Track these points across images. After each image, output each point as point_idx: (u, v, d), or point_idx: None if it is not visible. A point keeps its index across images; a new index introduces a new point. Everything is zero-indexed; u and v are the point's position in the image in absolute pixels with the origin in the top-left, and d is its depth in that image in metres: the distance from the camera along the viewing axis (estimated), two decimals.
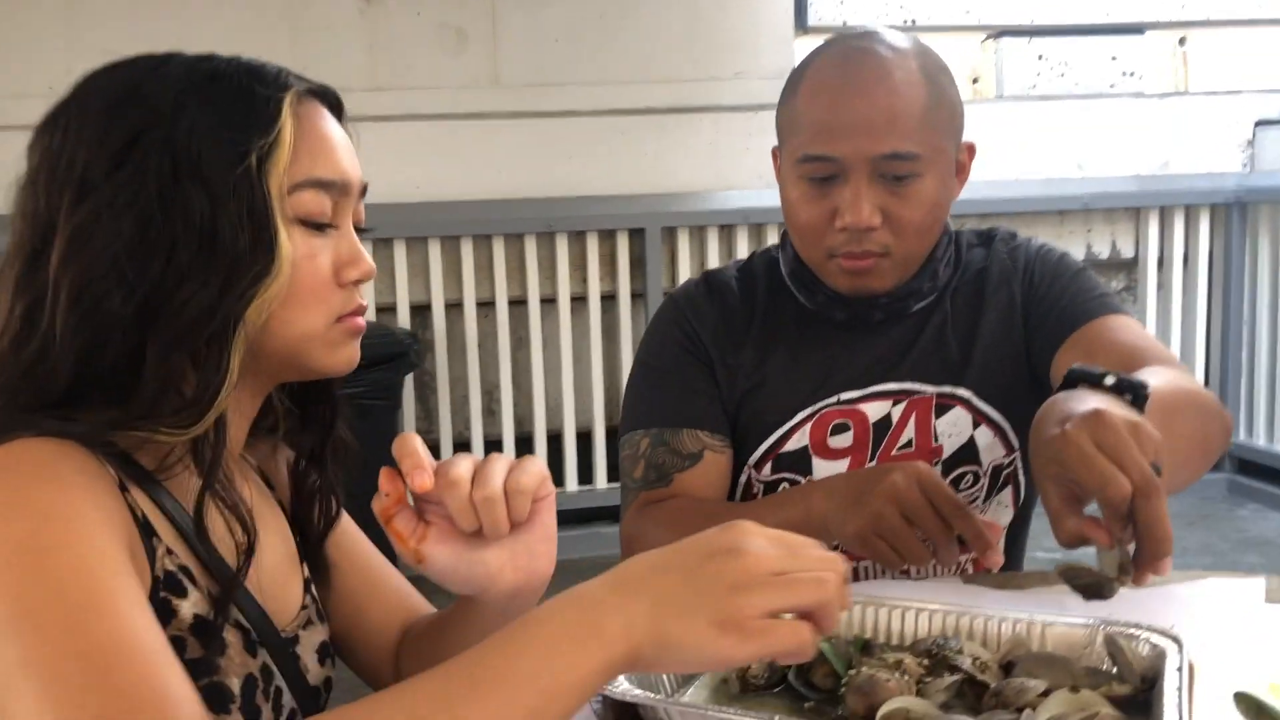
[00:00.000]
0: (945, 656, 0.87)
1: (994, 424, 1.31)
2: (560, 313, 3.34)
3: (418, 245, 3.25)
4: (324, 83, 0.87)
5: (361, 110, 2.86)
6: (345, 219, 0.85)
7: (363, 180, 0.87)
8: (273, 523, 0.92)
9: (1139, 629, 0.90)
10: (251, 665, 0.81)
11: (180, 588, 0.76)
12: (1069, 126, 3.66)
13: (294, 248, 0.79)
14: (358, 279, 0.85)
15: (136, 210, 0.76)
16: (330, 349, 0.84)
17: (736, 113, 3.41)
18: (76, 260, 0.75)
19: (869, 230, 1.21)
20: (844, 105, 1.20)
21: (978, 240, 1.39)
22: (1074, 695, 0.81)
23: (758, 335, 1.33)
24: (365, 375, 2.84)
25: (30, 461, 0.70)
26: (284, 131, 0.79)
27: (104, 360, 0.75)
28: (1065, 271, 1.33)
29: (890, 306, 1.30)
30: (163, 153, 0.76)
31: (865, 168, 1.20)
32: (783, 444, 1.30)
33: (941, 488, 1.03)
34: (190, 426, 0.76)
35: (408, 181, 3.24)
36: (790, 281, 1.34)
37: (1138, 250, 3.74)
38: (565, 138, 3.36)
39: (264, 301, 0.78)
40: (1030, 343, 1.30)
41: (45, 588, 0.65)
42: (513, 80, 3.33)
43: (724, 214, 3.38)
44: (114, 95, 0.79)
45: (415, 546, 0.80)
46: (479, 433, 3.34)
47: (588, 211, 3.33)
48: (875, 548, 1.05)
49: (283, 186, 0.79)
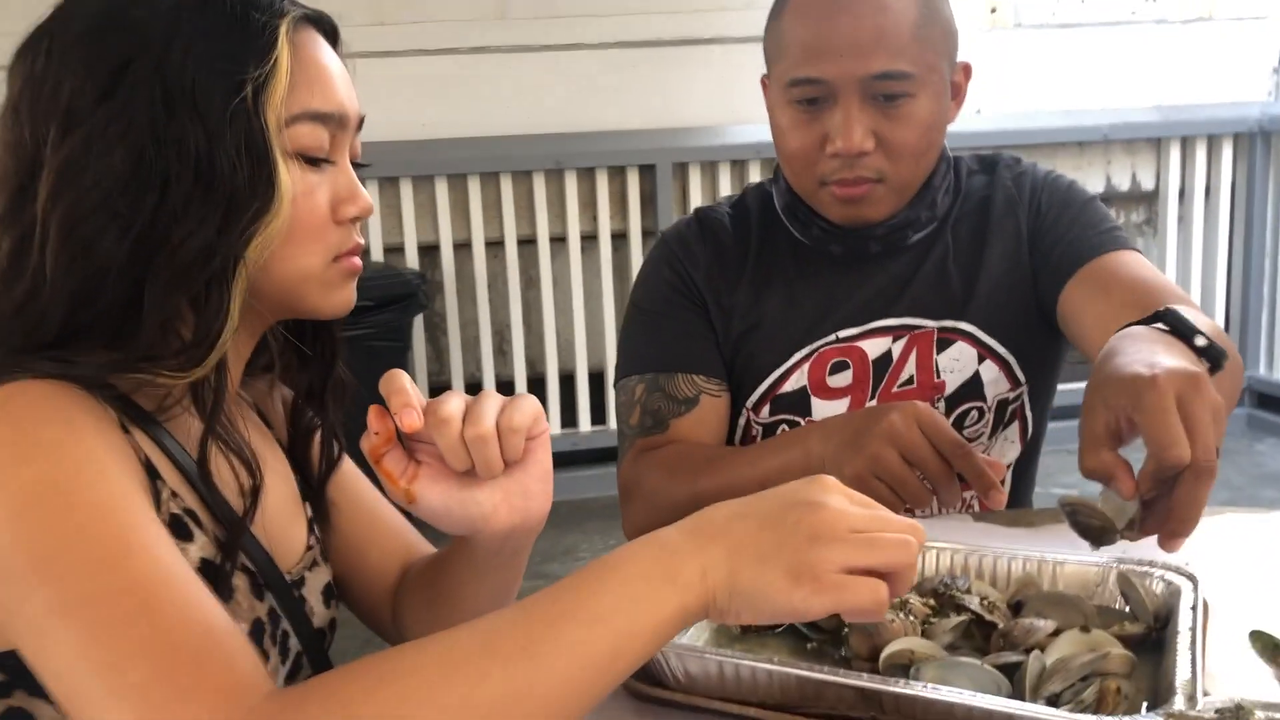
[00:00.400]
0: (952, 596, 0.85)
1: (999, 358, 1.27)
2: (570, 251, 3.31)
3: (424, 184, 3.21)
4: (319, 9, 0.83)
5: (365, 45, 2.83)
6: (342, 154, 0.82)
7: (360, 113, 0.84)
8: (273, 463, 0.90)
9: (1153, 566, 0.88)
10: (259, 609, 0.80)
11: (186, 531, 0.75)
12: (1089, 55, 3.58)
13: (293, 183, 0.76)
14: (356, 216, 0.82)
15: (128, 142, 0.72)
16: (327, 289, 0.82)
17: (748, 44, 3.31)
18: (66, 195, 0.72)
19: (861, 155, 1.18)
20: (830, 25, 1.16)
21: (979, 167, 1.34)
22: (1084, 635, 0.79)
23: (752, 274, 1.30)
24: (374, 316, 2.84)
25: (34, 402, 0.68)
26: (280, 60, 0.75)
27: (99, 301, 0.73)
28: (1074, 201, 1.29)
29: (887, 238, 1.27)
30: (154, 82, 0.73)
31: (855, 89, 1.16)
32: (780, 385, 1.28)
33: (941, 426, 1.00)
34: (192, 370, 0.74)
35: (413, 119, 3.19)
36: (784, 215, 1.31)
37: (1158, 182, 3.67)
38: (573, 72, 3.29)
39: (265, 240, 0.75)
40: (1037, 273, 1.27)
41: (69, 529, 0.63)
42: (519, 13, 3.26)
43: (736, 148, 3.32)
44: (99, 18, 0.75)
45: (406, 486, 0.78)
46: (490, 374, 3.32)
47: (597, 148, 3.27)
48: (874, 490, 1.00)
49: (280, 118, 0.75)
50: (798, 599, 0.62)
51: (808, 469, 1.06)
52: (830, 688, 0.74)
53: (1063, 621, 0.82)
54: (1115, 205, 3.71)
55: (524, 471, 0.80)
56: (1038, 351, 1.30)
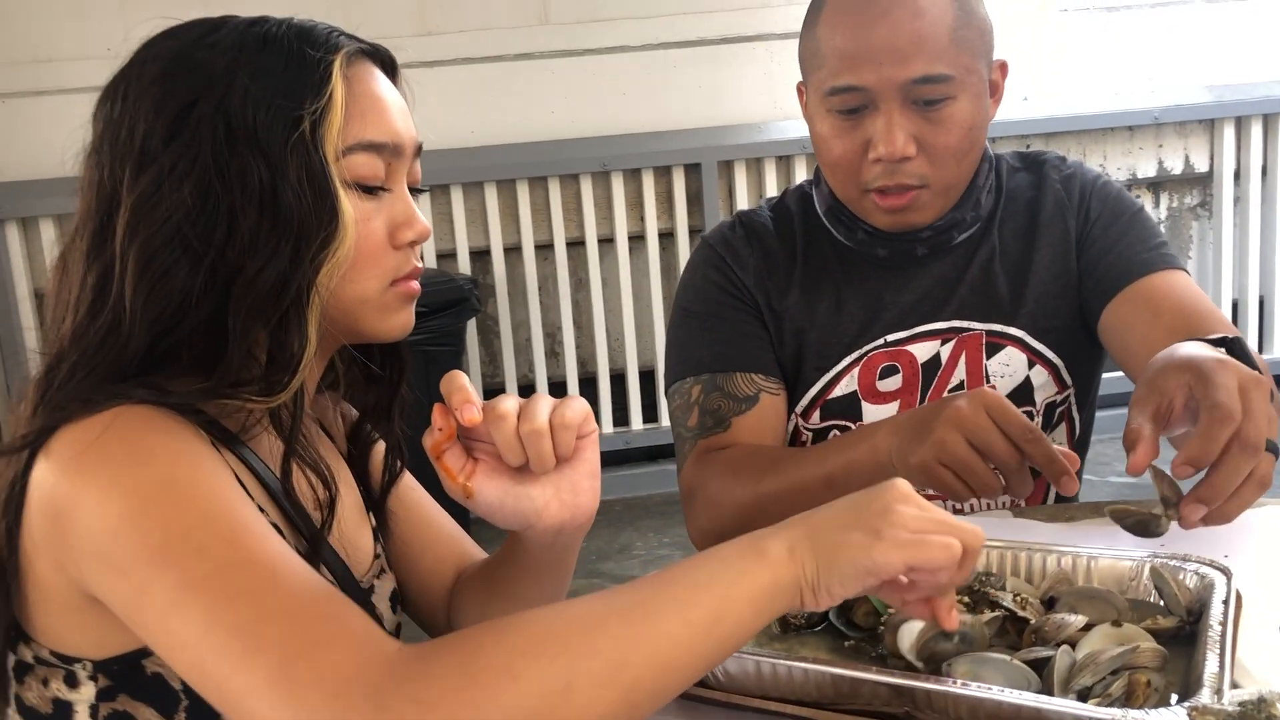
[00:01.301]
0: (986, 593, 0.87)
1: (1048, 363, 1.28)
2: (619, 252, 3.34)
3: (474, 190, 3.26)
4: (376, 42, 0.87)
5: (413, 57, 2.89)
6: (399, 180, 0.85)
7: (418, 140, 0.87)
8: (342, 475, 0.94)
9: (1187, 560, 0.89)
10: None
11: None
12: (1138, 38, 3.53)
13: (351, 211, 0.80)
14: (413, 240, 0.85)
15: (195, 178, 0.77)
16: (384, 313, 0.85)
17: (791, 40, 3.30)
18: (141, 231, 0.77)
19: (904, 160, 1.18)
20: (867, 31, 1.16)
21: (1021, 164, 1.34)
22: (1116, 629, 0.81)
23: (801, 278, 1.30)
24: (429, 322, 2.89)
25: (140, 418, 0.73)
26: (335, 94, 0.79)
27: (178, 329, 0.77)
28: (1123, 212, 1.28)
29: (933, 240, 1.27)
30: (217, 120, 0.77)
31: (896, 95, 1.16)
32: (830, 390, 1.28)
33: (1010, 412, 0.97)
34: (276, 394, 0.78)
35: (462, 127, 3.24)
36: (827, 219, 1.31)
37: (1213, 163, 3.61)
38: (617, 74, 3.32)
39: (334, 266, 0.79)
40: (1082, 278, 1.27)
41: (190, 517, 0.67)
42: (562, 18, 3.30)
43: (781, 144, 3.33)
44: (168, 63, 0.80)
45: (464, 482, 0.82)
46: (543, 375, 3.37)
47: (642, 149, 3.30)
48: (940, 478, 0.99)
49: (337, 149, 0.79)
50: (879, 552, 0.68)
51: (875, 464, 1.06)
52: (865, 684, 0.76)
53: (1095, 616, 0.84)
54: (1168, 188, 3.66)
55: (574, 469, 0.84)
56: (1084, 354, 1.30)
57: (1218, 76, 3.58)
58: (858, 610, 0.89)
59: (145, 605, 0.67)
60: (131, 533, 0.67)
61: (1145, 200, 3.66)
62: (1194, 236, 3.70)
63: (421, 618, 1.03)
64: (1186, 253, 3.69)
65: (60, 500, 0.70)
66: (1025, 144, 3.41)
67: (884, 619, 0.86)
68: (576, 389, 3.37)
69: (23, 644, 0.77)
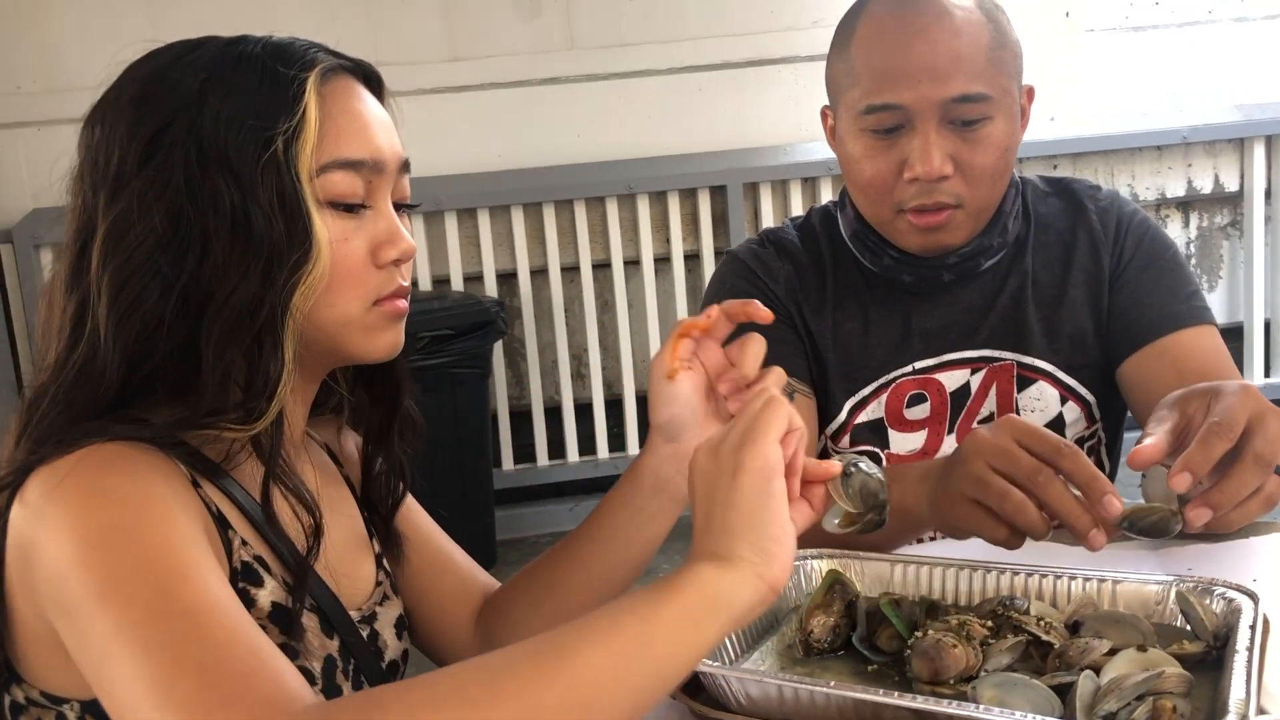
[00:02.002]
0: (1010, 617, 0.87)
1: (1081, 399, 1.27)
2: (644, 274, 3.35)
3: (501, 213, 3.28)
4: (358, 58, 0.86)
5: (441, 82, 2.91)
6: (381, 197, 0.83)
7: (402, 155, 0.86)
8: (339, 502, 0.94)
9: (1214, 584, 0.88)
10: (330, 646, 0.83)
11: (257, 577, 0.78)
12: (1165, 57, 3.52)
13: (327, 231, 0.79)
14: (397, 259, 0.83)
15: (166, 203, 0.76)
16: (368, 334, 0.83)
17: (815, 62, 3.31)
18: (114, 258, 0.76)
19: (941, 180, 1.17)
20: (905, 49, 1.15)
21: (1051, 189, 1.32)
22: (1141, 654, 0.80)
23: (832, 300, 1.29)
24: (456, 344, 2.91)
25: (104, 460, 0.72)
26: (308, 112, 0.78)
27: (152, 357, 0.76)
28: (1159, 256, 1.26)
29: (959, 266, 1.25)
30: (189, 143, 0.76)
31: (933, 113, 1.15)
32: (857, 414, 1.27)
33: (1039, 433, 0.91)
34: (255, 422, 0.77)
35: (489, 150, 3.27)
36: (852, 243, 1.29)
37: (1243, 182, 3.58)
38: (642, 98, 3.34)
39: (308, 288, 0.78)
40: (1110, 322, 1.25)
41: (131, 562, 0.67)
42: (587, 43, 3.33)
43: (806, 166, 3.33)
44: (143, 85, 0.79)
45: (674, 365, 0.89)
46: (569, 397, 3.38)
47: (668, 171, 3.31)
48: (974, 520, 0.91)
49: (311, 169, 0.78)
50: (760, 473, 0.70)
51: (900, 509, 1.00)
52: (888, 709, 0.76)
53: (1121, 641, 0.83)
54: (1198, 208, 3.63)
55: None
56: (1114, 392, 1.28)
57: (1247, 95, 3.56)
58: (881, 634, 0.89)
59: (86, 648, 0.67)
60: (76, 577, 0.67)
61: (1175, 220, 3.63)
62: (1225, 256, 3.67)
63: (439, 646, 1.02)
64: (1217, 273, 3.66)
65: (26, 544, 0.71)
66: (1053, 165, 3.39)
67: (910, 643, 0.85)
68: (603, 411, 3.37)
69: (15, 685, 0.77)
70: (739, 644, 0.90)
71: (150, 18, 3.13)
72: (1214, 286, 3.65)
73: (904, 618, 0.89)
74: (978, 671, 0.82)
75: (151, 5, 3.15)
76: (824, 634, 0.89)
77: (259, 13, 3.06)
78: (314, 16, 3.13)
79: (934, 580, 0.96)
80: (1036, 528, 0.90)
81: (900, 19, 1.17)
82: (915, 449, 1.27)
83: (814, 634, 0.89)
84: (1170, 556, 1.05)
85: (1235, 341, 3.47)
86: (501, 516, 3.16)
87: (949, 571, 0.96)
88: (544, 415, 3.36)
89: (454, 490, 2.99)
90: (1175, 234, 3.63)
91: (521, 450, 3.38)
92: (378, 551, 0.96)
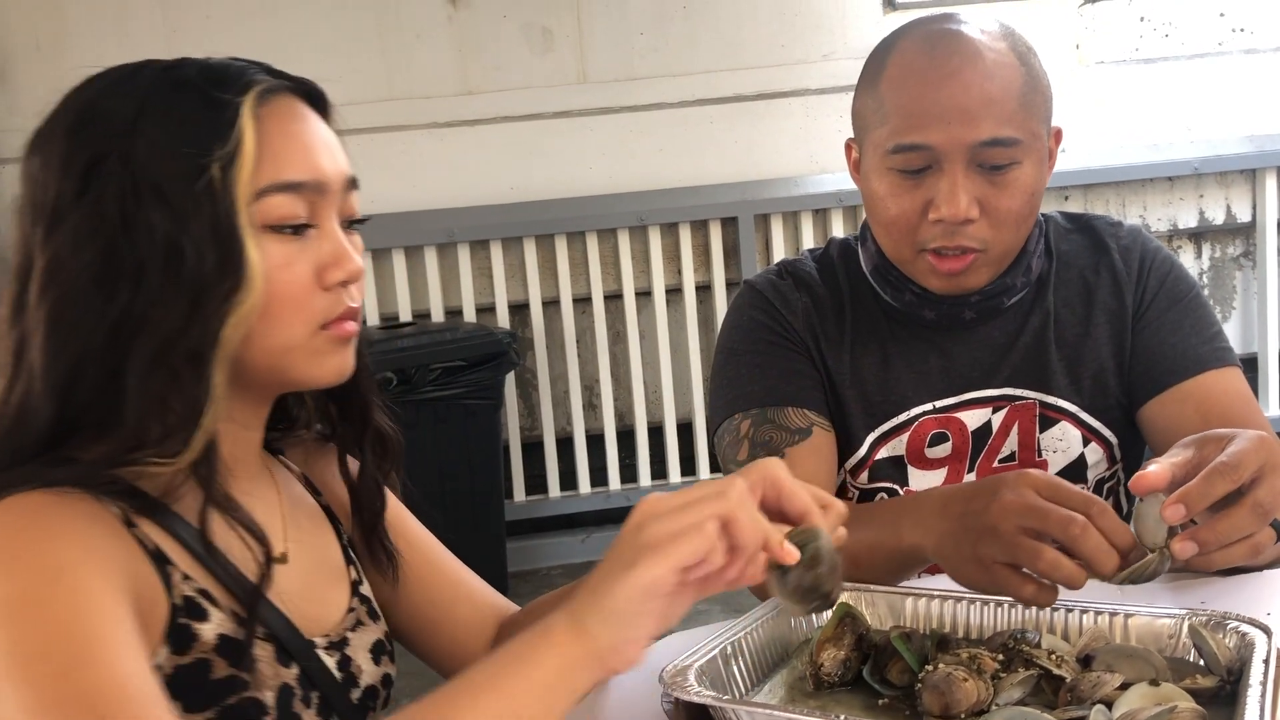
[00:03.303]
0: (1021, 650, 0.86)
1: (1104, 440, 1.26)
2: (656, 305, 3.36)
3: (513, 245, 3.31)
4: (302, 76, 0.84)
5: (454, 115, 2.94)
6: (326, 218, 0.82)
7: (347, 173, 0.84)
8: (310, 529, 0.92)
9: (1227, 618, 0.88)
10: (286, 675, 0.81)
11: (200, 612, 0.77)
12: (1176, 89, 3.53)
13: (266, 257, 0.77)
14: (343, 280, 0.81)
15: (101, 236, 0.75)
16: (315, 359, 0.81)
17: (827, 95, 3.37)
18: (50, 293, 0.75)
19: (965, 223, 1.15)
20: (936, 90, 1.13)
21: (1073, 226, 1.31)
22: (1153, 689, 0.80)
23: (851, 335, 1.27)
24: (468, 375, 2.93)
25: (22, 516, 0.70)
26: (244, 137, 0.76)
27: (80, 391, 0.75)
28: (1183, 297, 1.25)
29: (981, 304, 1.23)
30: (123, 174, 0.75)
31: (962, 156, 1.13)
32: (877, 450, 1.26)
33: (1064, 488, 0.89)
34: (180, 453, 0.75)
35: (501, 183, 3.29)
36: (872, 278, 1.28)
37: (1255, 213, 3.58)
38: (654, 131, 3.37)
39: (239, 319, 0.76)
40: (1133, 362, 1.24)
41: (37, 640, 0.66)
42: (600, 76, 3.36)
43: (817, 198, 3.35)
44: (79, 114, 0.78)
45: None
46: (581, 428, 3.38)
47: (680, 203, 3.33)
48: (1007, 584, 0.89)
49: (248, 194, 0.76)
50: (641, 574, 0.66)
51: (898, 551, 1.02)
52: None
53: (1133, 675, 0.83)
54: (1210, 239, 3.63)
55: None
56: (1136, 433, 1.28)
57: (1258, 126, 3.56)
58: (892, 668, 0.89)
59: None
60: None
61: (1187, 251, 3.63)
62: (1238, 287, 3.66)
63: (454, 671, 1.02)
64: (1230, 303, 3.66)
65: None
66: (1064, 196, 3.40)
67: (921, 676, 0.85)
68: (615, 442, 3.38)
69: None
70: (750, 676, 0.90)
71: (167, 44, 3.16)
72: (1227, 317, 3.64)
73: (915, 651, 0.88)
74: (989, 705, 0.81)
75: (168, 39, 3.19)
76: (834, 667, 0.89)
77: (273, 47, 3.10)
78: (327, 50, 3.17)
79: (945, 613, 0.96)
80: (1075, 580, 0.87)
81: (932, 59, 1.15)
82: (934, 486, 1.26)
83: (824, 667, 0.89)
84: (1183, 590, 1.05)
85: (1249, 372, 3.43)
86: (513, 548, 3.16)
87: (960, 604, 0.96)
88: (556, 446, 3.36)
89: (466, 521, 2.98)
90: (1188, 265, 3.62)
91: (533, 481, 3.38)
92: (354, 579, 0.94)
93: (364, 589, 0.95)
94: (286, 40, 3.17)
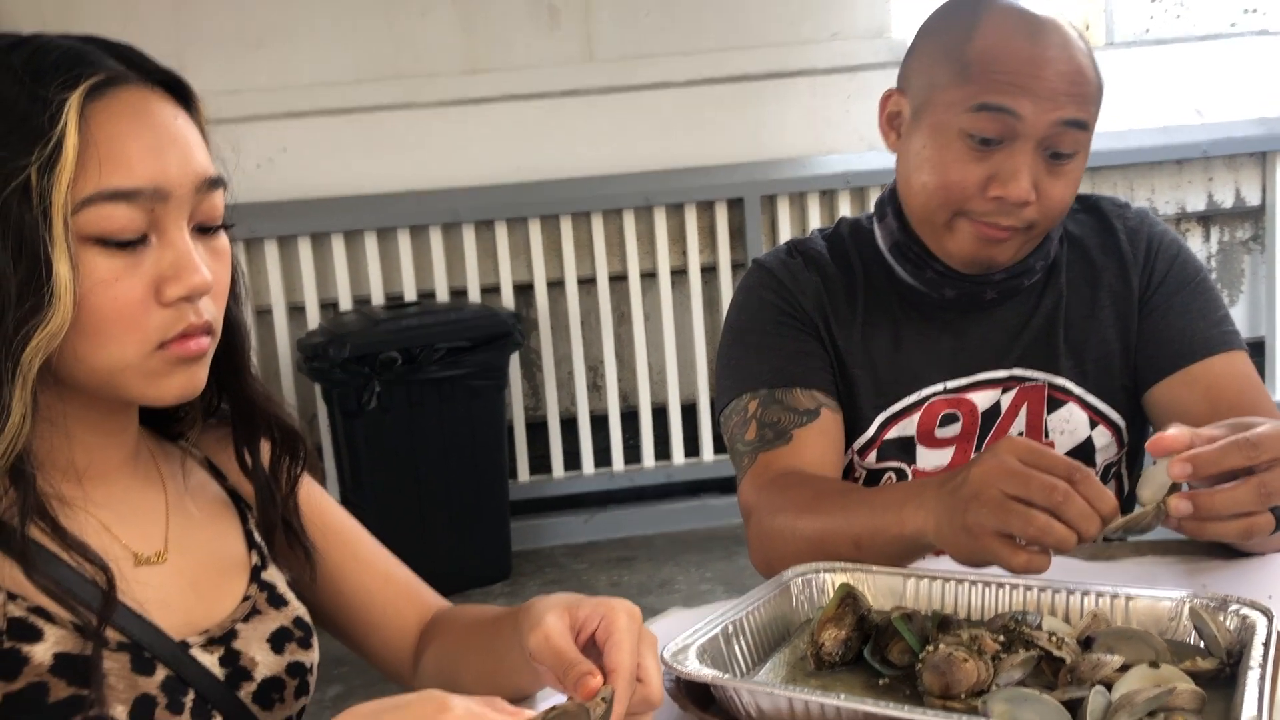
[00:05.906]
0: (1022, 632, 0.86)
1: (1111, 423, 1.26)
2: (661, 286, 3.36)
3: (518, 225, 3.30)
4: (167, 67, 0.77)
5: (461, 94, 2.93)
6: (170, 226, 0.74)
7: (202, 174, 0.76)
8: (202, 519, 0.88)
9: (1228, 600, 0.88)
10: (146, 684, 0.77)
11: (33, 632, 0.73)
12: (1187, 70, 3.51)
13: (88, 273, 0.71)
14: (185, 295, 0.74)
15: None
16: (151, 379, 0.75)
17: (834, 75, 3.36)
18: None
19: (1023, 205, 1.14)
20: (1039, 58, 1.12)
21: (1078, 206, 1.31)
22: (1153, 670, 0.80)
23: (863, 315, 1.26)
24: (473, 356, 2.93)
25: None
26: (66, 140, 0.69)
27: None
28: (1190, 280, 1.25)
29: (1003, 284, 1.23)
30: None
31: (1038, 134, 1.13)
32: (886, 430, 1.25)
33: (1046, 454, 0.87)
34: None
35: (507, 163, 3.29)
36: (891, 255, 1.26)
37: (1264, 196, 3.57)
38: (660, 110, 3.36)
39: (42, 341, 0.70)
40: (1139, 345, 1.24)
41: None
42: (606, 55, 3.34)
43: (824, 179, 3.34)
44: None
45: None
46: (585, 409, 3.38)
47: (685, 183, 3.32)
48: (999, 554, 0.88)
49: (67, 204, 0.69)
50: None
51: (900, 537, 1.01)
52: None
53: (1133, 657, 0.83)
54: (1219, 222, 3.62)
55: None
56: (1142, 414, 1.27)
57: (1269, 109, 3.54)
58: (893, 648, 0.89)
59: None
60: None
61: (1195, 234, 3.62)
62: (1246, 270, 3.65)
63: (384, 663, 0.98)
64: (1239, 287, 3.65)
65: None
66: None
67: (921, 657, 0.85)
68: (618, 423, 3.38)
69: None
70: (750, 656, 0.90)
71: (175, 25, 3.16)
72: (1235, 301, 3.63)
73: (915, 632, 0.89)
74: (989, 686, 0.81)
75: (176, 14, 3.18)
76: (835, 647, 0.89)
77: (283, 27, 3.08)
78: (334, 29, 3.16)
79: (946, 594, 0.96)
80: (1065, 542, 0.86)
81: (1031, 28, 1.14)
82: (942, 465, 1.26)
83: (825, 647, 0.89)
84: (1184, 572, 1.05)
85: (1257, 357, 3.44)
86: (517, 528, 3.17)
87: (961, 586, 0.96)
88: (560, 427, 3.37)
89: (469, 501, 3.00)
90: (1195, 248, 3.61)
91: (537, 461, 3.39)
92: (254, 564, 0.90)
93: (267, 574, 0.90)
94: (292, 18, 3.16)
